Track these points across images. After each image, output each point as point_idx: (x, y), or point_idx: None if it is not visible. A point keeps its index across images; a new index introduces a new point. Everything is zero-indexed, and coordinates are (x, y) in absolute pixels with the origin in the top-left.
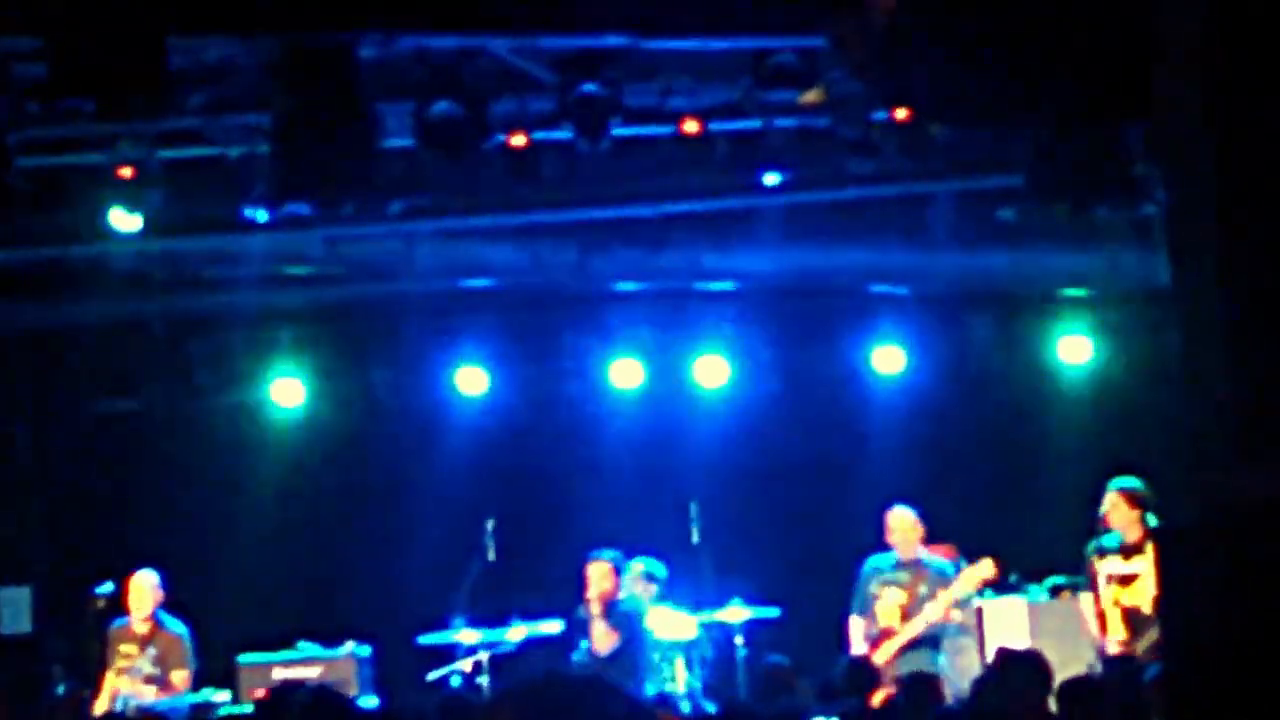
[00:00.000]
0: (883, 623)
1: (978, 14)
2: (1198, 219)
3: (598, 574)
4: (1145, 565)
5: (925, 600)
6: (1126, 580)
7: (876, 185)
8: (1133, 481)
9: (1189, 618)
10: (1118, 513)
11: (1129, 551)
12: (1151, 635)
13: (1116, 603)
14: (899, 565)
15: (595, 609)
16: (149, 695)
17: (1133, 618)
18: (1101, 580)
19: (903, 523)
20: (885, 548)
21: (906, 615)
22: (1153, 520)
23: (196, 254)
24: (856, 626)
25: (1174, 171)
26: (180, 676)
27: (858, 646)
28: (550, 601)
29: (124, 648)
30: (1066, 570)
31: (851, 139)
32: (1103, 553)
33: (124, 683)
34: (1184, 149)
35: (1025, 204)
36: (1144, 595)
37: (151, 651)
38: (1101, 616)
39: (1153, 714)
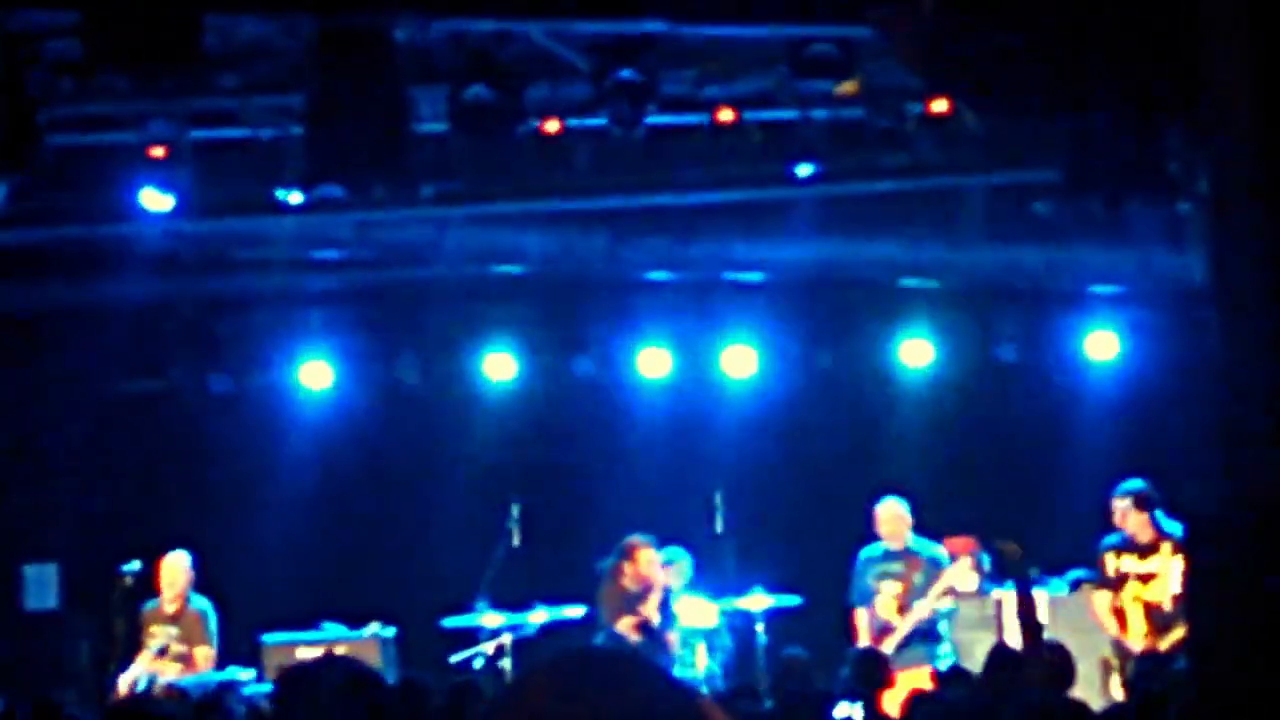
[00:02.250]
0: (882, 615)
1: (1023, 5)
2: (1240, 213)
3: (650, 560)
4: (1162, 564)
5: (922, 589)
6: (1146, 578)
7: (909, 178)
8: (1138, 484)
9: (1218, 608)
10: (1131, 518)
11: (1144, 551)
12: (1175, 633)
13: (1137, 599)
14: (890, 556)
15: (635, 586)
16: (172, 672)
17: (1154, 615)
18: (1120, 577)
19: (891, 514)
20: (875, 538)
21: (903, 607)
22: (1162, 519)
23: (227, 235)
24: (861, 618)
25: (1217, 166)
26: (203, 653)
27: (864, 638)
28: (573, 586)
29: (155, 628)
30: (1088, 564)
31: (886, 131)
32: (1118, 551)
33: (146, 659)
34: (1228, 143)
35: (1059, 199)
36: (1164, 593)
37: (175, 630)
38: (1120, 613)
39: (1171, 707)
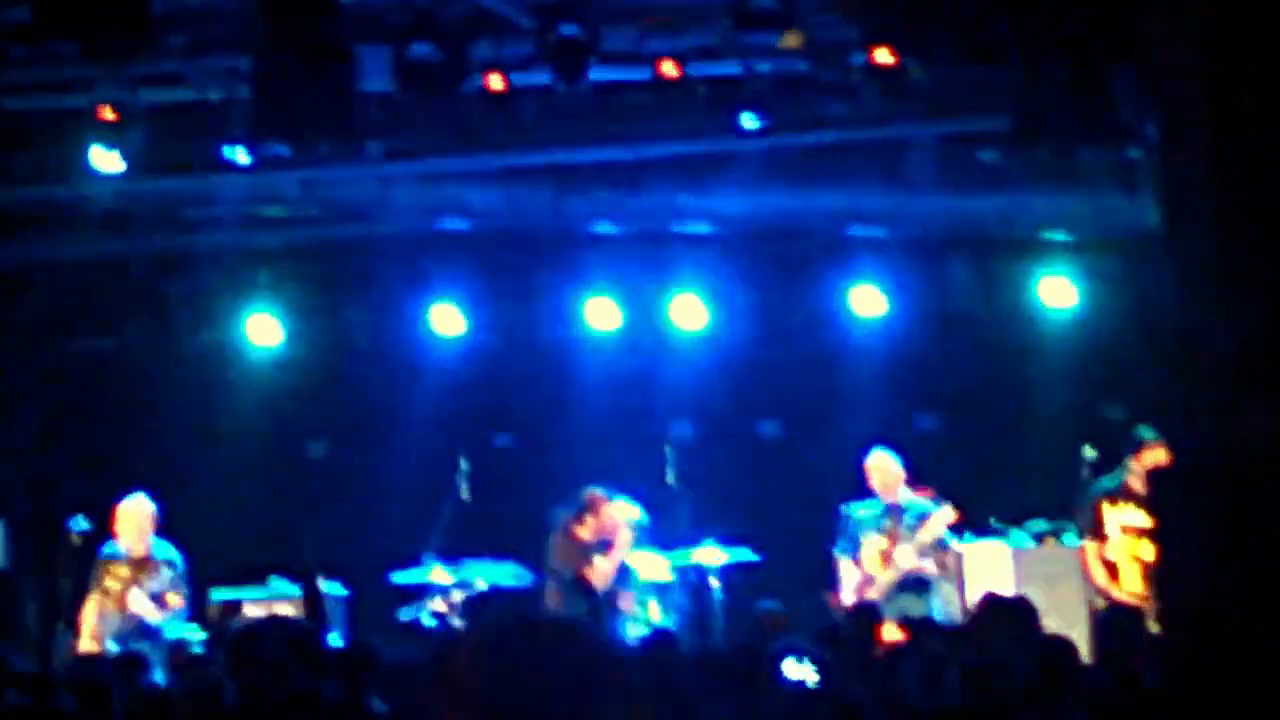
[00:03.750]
0: (867, 569)
1: None
2: (1191, 161)
3: (614, 513)
4: None
5: (904, 544)
6: (1144, 533)
7: (855, 129)
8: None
9: (1185, 559)
10: (1136, 463)
11: (1144, 502)
12: None
13: (1135, 556)
14: (883, 512)
15: (590, 537)
16: (150, 614)
17: (1150, 571)
18: (1114, 529)
19: (883, 466)
20: (868, 493)
21: (887, 560)
22: None
23: (176, 194)
24: (847, 567)
25: (1166, 111)
26: (175, 599)
27: (847, 587)
28: (522, 541)
29: (116, 569)
30: (1048, 515)
31: (830, 82)
32: (1113, 499)
33: (113, 600)
34: (1177, 88)
35: (1007, 147)
36: None
37: (150, 583)
38: (1113, 566)
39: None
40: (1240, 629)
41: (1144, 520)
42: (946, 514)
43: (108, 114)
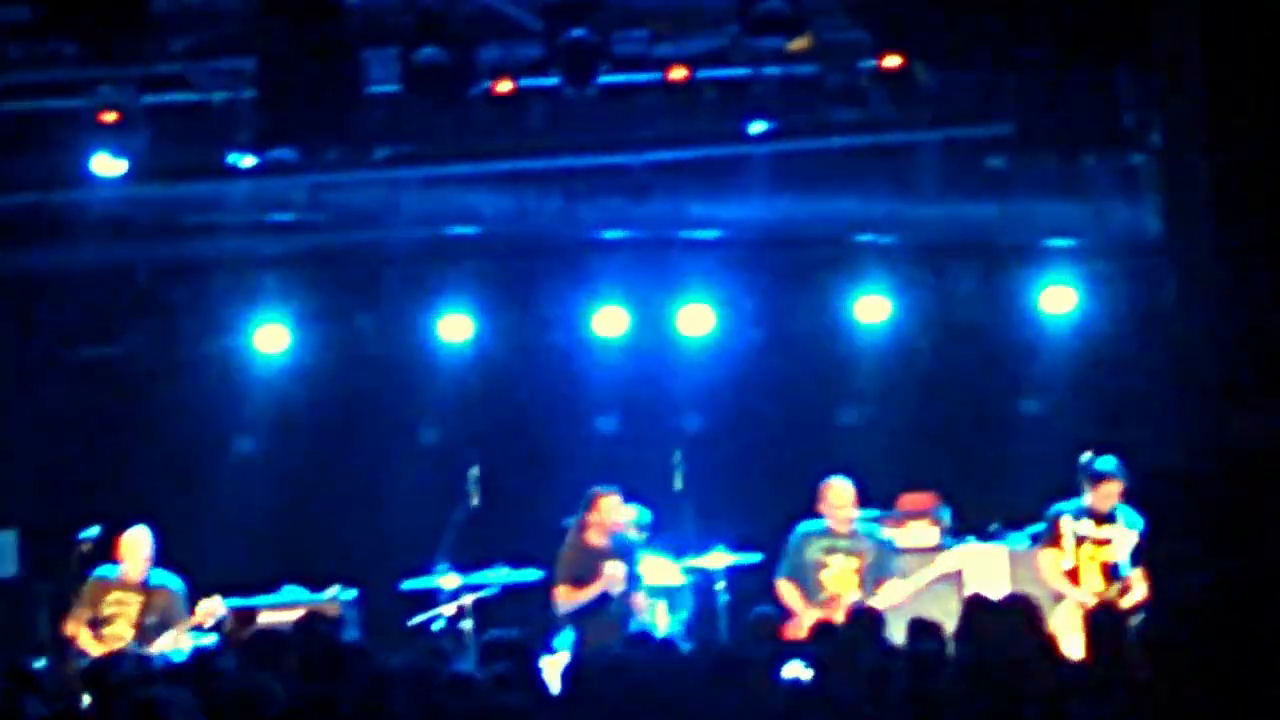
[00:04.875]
0: (832, 589)
1: None
2: (1192, 165)
3: (613, 506)
4: (1116, 532)
5: (877, 569)
6: (1101, 542)
7: (863, 134)
8: (1112, 464)
9: (1176, 560)
10: (1099, 491)
11: (1100, 519)
12: (1125, 582)
13: (1093, 559)
14: (838, 534)
15: (602, 541)
16: (154, 646)
17: (1109, 571)
18: (1070, 539)
19: (843, 496)
20: (815, 515)
21: (863, 582)
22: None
23: (180, 200)
24: (790, 590)
25: (1168, 118)
26: (182, 637)
27: (798, 609)
28: (532, 547)
29: (116, 595)
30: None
31: (839, 87)
32: (1075, 516)
33: (121, 629)
34: (1180, 95)
35: (1014, 153)
36: (1120, 554)
37: (151, 616)
38: (1073, 572)
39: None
40: (1234, 629)
41: (1101, 533)
42: (952, 559)
43: (110, 117)
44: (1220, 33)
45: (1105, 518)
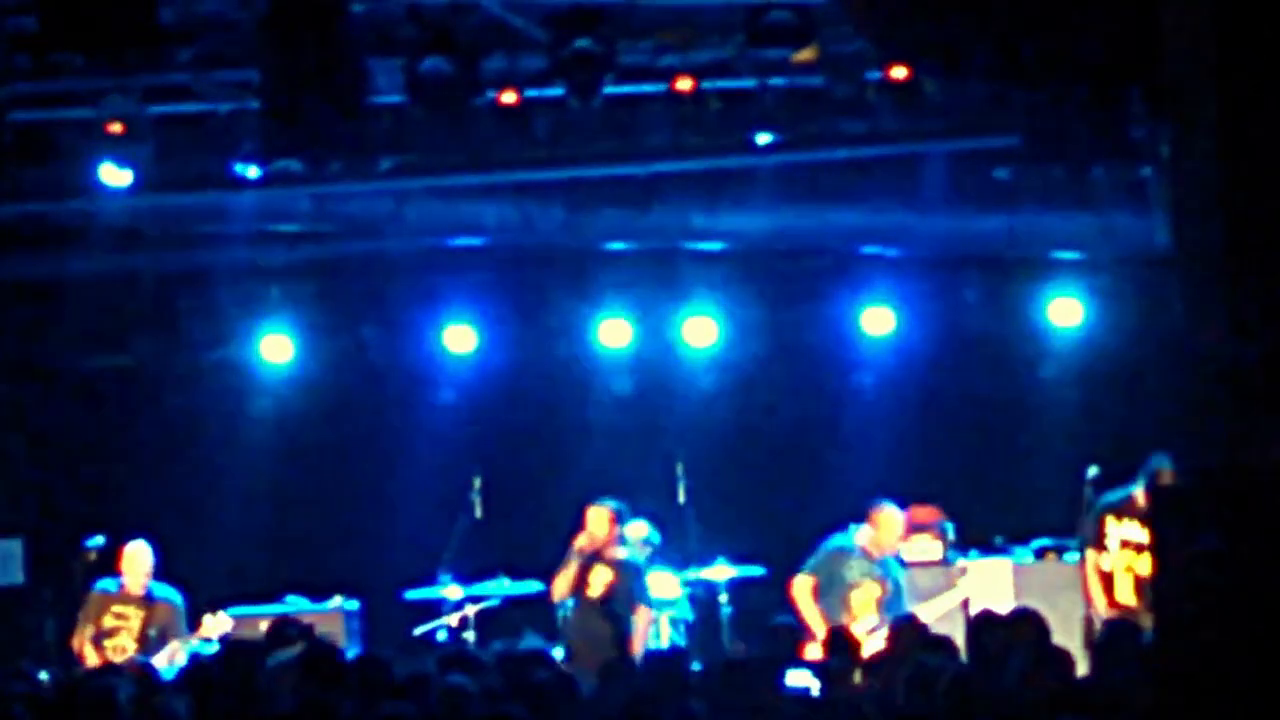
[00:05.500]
0: (856, 612)
1: None
2: (1201, 177)
3: (596, 519)
4: None
5: (892, 603)
6: (1141, 549)
7: (869, 145)
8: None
9: (1182, 579)
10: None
11: (1146, 519)
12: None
13: (1129, 569)
14: (873, 559)
15: (583, 554)
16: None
17: (1145, 588)
18: (1114, 542)
19: (893, 527)
20: (852, 525)
21: (881, 608)
22: None
23: (186, 210)
24: (806, 585)
25: (1176, 129)
26: (174, 645)
27: (808, 610)
28: (535, 559)
29: (118, 609)
30: (1051, 532)
31: (845, 98)
32: (1119, 514)
33: (124, 641)
34: (1189, 107)
35: (1021, 165)
36: None
37: (152, 630)
38: (1108, 577)
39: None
40: (1241, 647)
41: (1143, 536)
42: (960, 593)
43: (116, 128)
44: (1232, 45)
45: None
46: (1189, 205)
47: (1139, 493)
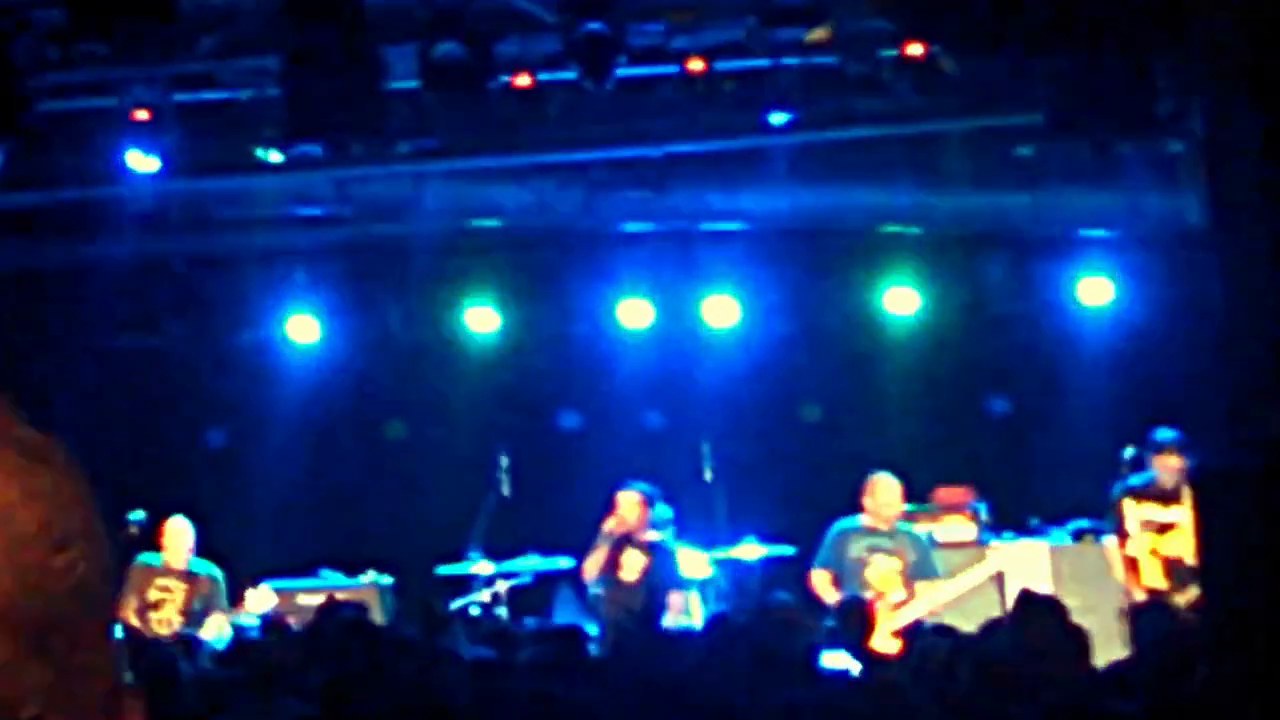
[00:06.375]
0: (879, 588)
1: None
2: (1238, 151)
3: (626, 504)
4: (1184, 514)
5: (918, 568)
6: (1164, 529)
7: (887, 124)
8: (1172, 433)
9: (1228, 560)
10: (1162, 462)
11: (1167, 498)
12: (1193, 590)
13: (1154, 552)
14: (879, 532)
15: (612, 537)
16: (202, 632)
17: (1175, 569)
18: (1135, 525)
19: (890, 493)
20: (853, 509)
21: (909, 581)
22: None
23: (211, 194)
24: (824, 579)
25: (1212, 99)
26: (217, 618)
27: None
28: (562, 536)
29: (162, 582)
30: (1087, 514)
31: (860, 77)
32: (1138, 497)
33: (170, 614)
34: (1224, 75)
35: (1044, 141)
36: (1184, 546)
37: (196, 603)
38: (1133, 563)
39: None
40: None
41: (1165, 516)
42: (995, 562)
43: (141, 115)
44: (1265, 10)
45: (1170, 496)
46: (1225, 181)
47: (1158, 473)
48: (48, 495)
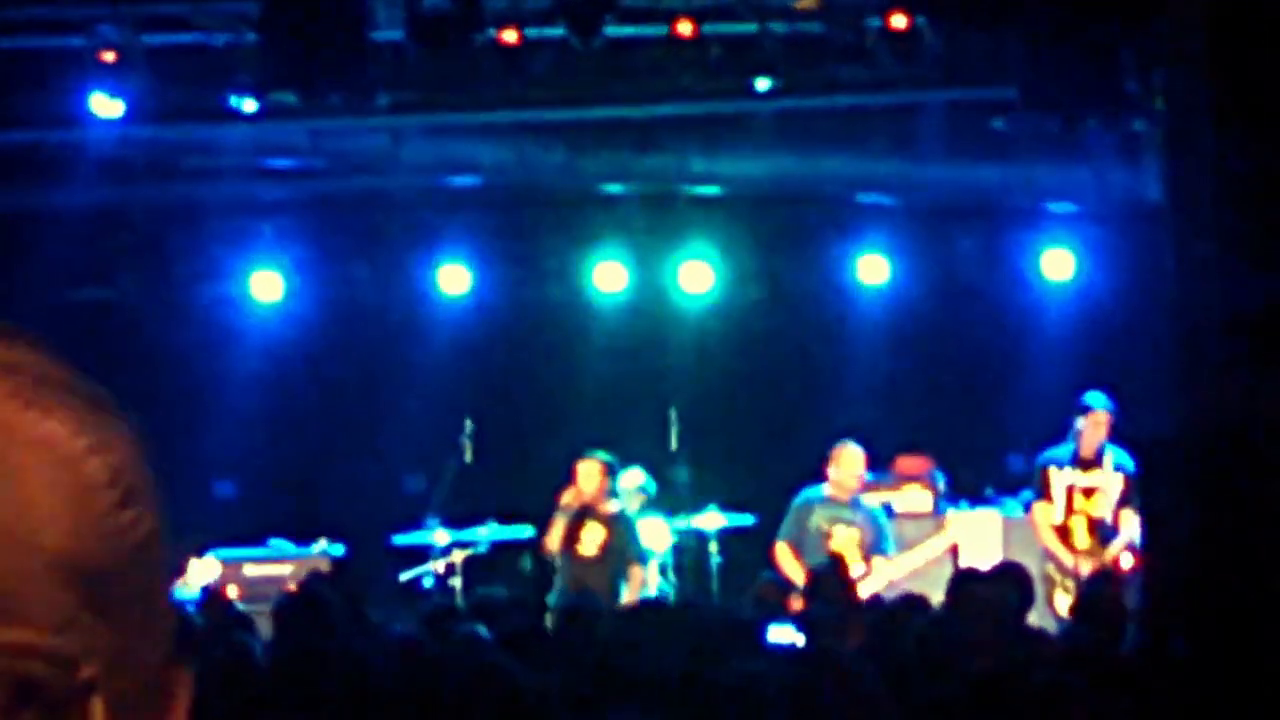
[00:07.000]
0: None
1: None
2: (1195, 131)
3: (585, 474)
4: (1104, 478)
5: (874, 542)
6: (1089, 492)
7: (868, 93)
8: (1101, 399)
9: (1172, 527)
10: (1097, 430)
11: (1087, 465)
12: (1115, 546)
13: (1082, 512)
14: (840, 503)
15: (570, 510)
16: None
17: (1099, 529)
18: (1060, 491)
19: (855, 463)
20: (823, 478)
21: (867, 555)
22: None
23: (178, 142)
24: (787, 555)
25: (1173, 84)
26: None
27: (795, 574)
28: (525, 504)
29: None
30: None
31: (845, 45)
32: (1060, 465)
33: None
34: (1184, 61)
35: (1017, 116)
36: (1105, 507)
37: None
38: (1063, 529)
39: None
40: (1230, 596)
41: (1087, 481)
42: (949, 536)
43: (108, 57)
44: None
45: (1092, 461)
46: (1182, 159)
47: (1080, 440)
48: (117, 448)
